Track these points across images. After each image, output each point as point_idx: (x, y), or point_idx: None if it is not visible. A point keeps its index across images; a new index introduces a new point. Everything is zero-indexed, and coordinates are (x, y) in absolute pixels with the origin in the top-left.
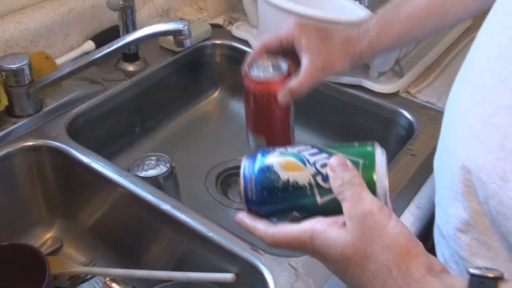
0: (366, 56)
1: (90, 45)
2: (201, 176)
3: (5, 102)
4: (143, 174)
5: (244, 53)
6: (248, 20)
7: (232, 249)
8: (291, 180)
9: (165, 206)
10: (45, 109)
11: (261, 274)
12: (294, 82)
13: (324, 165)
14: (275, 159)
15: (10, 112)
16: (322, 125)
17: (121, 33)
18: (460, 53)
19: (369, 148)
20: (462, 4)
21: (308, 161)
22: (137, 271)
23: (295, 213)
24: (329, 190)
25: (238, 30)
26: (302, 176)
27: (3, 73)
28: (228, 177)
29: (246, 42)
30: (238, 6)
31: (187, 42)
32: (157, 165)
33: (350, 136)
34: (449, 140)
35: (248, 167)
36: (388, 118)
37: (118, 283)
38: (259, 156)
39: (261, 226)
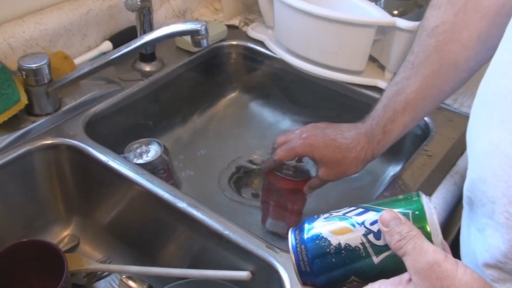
0: (380, 152)
1: (107, 45)
2: (216, 175)
3: (25, 101)
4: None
5: (259, 53)
6: (264, 21)
7: (248, 247)
8: (342, 243)
9: (182, 204)
10: (64, 108)
11: (276, 272)
12: (312, 184)
13: (373, 223)
14: (322, 225)
15: (29, 110)
16: None
17: (138, 33)
18: None
19: (415, 198)
20: (452, 80)
21: (357, 222)
22: (153, 269)
23: (353, 278)
24: (384, 247)
25: (254, 31)
26: (353, 238)
27: (23, 72)
28: (243, 176)
29: (261, 43)
30: (254, 7)
31: (204, 42)
32: (149, 150)
33: None
34: (483, 170)
35: (296, 239)
36: None
37: (134, 280)
38: (305, 226)
39: None
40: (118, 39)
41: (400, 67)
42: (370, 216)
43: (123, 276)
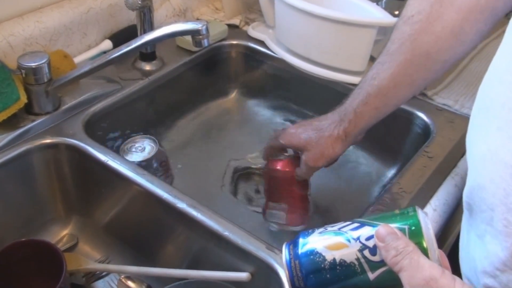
0: (353, 134)
1: (107, 44)
2: (216, 174)
3: (24, 99)
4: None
5: (260, 53)
6: (265, 20)
7: (248, 248)
8: (337, 259)
9: (181, 205)
10: (63, 107)
11: (276, 274)
12: (299, 172)
13: (369, 238)
14: (316, 240)
15: (29, 109)
16: None
17: (138, 32)
18: (477, 55)
19: (411, 213)
20: (424, 70)
21: (352, 237)
22: (152, 269)
23: None
24: (379, 263)
25: (255, 31)
26: (349, 253)
27: (23, 71)
28: (242, 176)
29: (262, 43)
30: (255, 6)
31: (205, 42)
32: (144, 147)
33: (366, 138)
34: (481, 177)
35: (290, 254)
36: (404, 120)
37: (133, 280)
38: (299, 240)
39: None
40: (118, 38)
41: (381, 52)
42: (366, 231)
43: (122, 276)
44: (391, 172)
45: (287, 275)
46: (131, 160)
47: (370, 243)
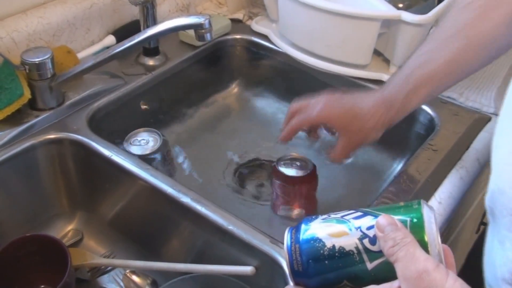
0: (397, 120)
1: (111, 39)
2: (219, 169)
3: (28, 95)
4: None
5: (263, 47)
6: (268, 14)
7: (252, 242)
8: (337, 246)
9: (185, 199)
10: (67, 103)
11: (280, 267)
12: (331, 156)
13: (370, 227)
14: (318, 226)
15: (33, 105)
16: None
17: (141, 27)
18: None
19: (415, 206)
20: (480, 56)
21: (353, 225)
22: (157, 264)
23: (346, 282)
24: (379, 253)
25: (258, 25)
26: (348, 241)
27: (26, 67)
28: (247, 170)
29: (265, 37)
30: (258, 0)
31: (208, 36)
32: (147, 139)
33: None
34: (502, 181)
35: (291, 238)
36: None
37: (138, 275)
38: (302, 226)
39: None
40: (122, 33)
41: (427, 39)
42: (368, 220)
43: (127, 271)
44: (395, 166)
45: (286, 259)
46: (135, 153)
47: (370, 233)
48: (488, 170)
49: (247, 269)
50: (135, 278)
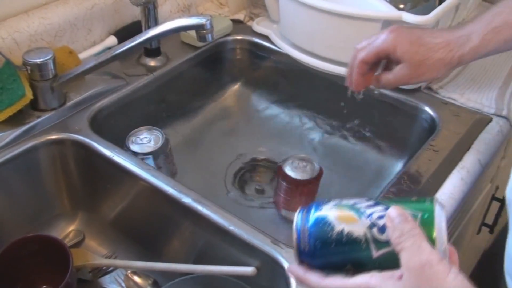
0: (466, 61)
1: (112, 40)
2: (220, 170)
3: (30, 95)
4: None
5: (265, 48)
6: (269, 15)
7: (253, 243)
8: (345, 231)
9: (187, 200)
10: (69, 103)
11: (282, 268)
12: (384, 80)
13: (380, 217)
14: (329, 210)
15: (34, 105)
16: (344, 120)
17: (143, 28)
18: None
19: (427, 203)
20: None
21: (364, 213)
22: (158, 264)
23: (349, 266)
24: (386, 243)
25: (259, 26)
26: (357, 228)
27: (28, 67)
28: (247, 171)
29: (267, 38)
30: (259, 1)
31: (209, 37)
32: (149, 138)
33: (372, 131)
34: None
35: (301, 219)
36: (410, 114)
37: (139, 275)
38: (313, 208)
39: (314, 278)
40: (123, 33)
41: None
42: (379, 210)
43: (128, 272)
44: (396, 166)
45: (294, 238)
46: (137, 151)
47: (380, 222)
48: (488, 171)
49: (248, 270)
50: (136, 278)
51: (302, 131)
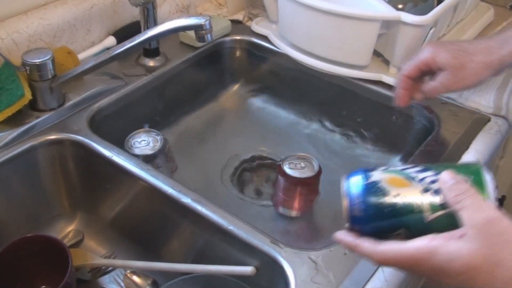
0: (507, 63)
1: (111, 40)
2: (219, 169)
3: (29, 96)
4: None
5: (263, 48)
6: (268, 15)
7: (252, 243)
8: (400, 195)
9: (186, 200)
10: (68, 104)
11: (281, 268)
12: (426, 89)
13: (433, 182)
14: (380, 176)
15: (33, 106)
16: (342, 120)
17: (142, 28)
18: None
19: (474, 167)
20: None
21: (415, 178)
22: (158, 264)
23: (401, 231)
24: (440, 206)
25: (258, 26)
26: (411, 192)
27: (27, 68)
28: (246, 171)
29: (265, 38)
30: (258, 1)
31: (208, 37)
32: (148, 141)
33: (371, 131)
34: None
35: (351, 185)
36: (408, 114)
37: (138, 275)
38: (362, 174)
39: (367, 244)
40: (122, 34)
41: None
42: (429, 174)
43: (128, 271)
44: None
45: (346, 204)
46: (137, 153)
47: (433, 186)
48: None
49: (248, 269)
50: (135, 278)
51: (301, 131)
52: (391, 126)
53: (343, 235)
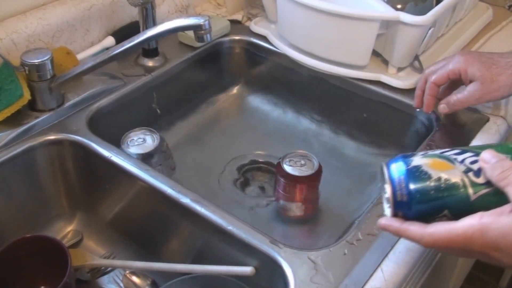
0: None
1: (110, 40)
2: (218, 170)
3: (28, 96)
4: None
5: (262, 48)
6: (267, 15)
7: (252, 243)
8: (443, 178)
9: (185, 200)
10: (67, 104)
11: (280, 268)
12: (453, 99)
13: (473, 162)
14: (421, 160)
15: (32, 106)
16: (341, 120)
17: (141, 28)
18: (480, 48)
19: (510, 145)
20: None
21: (456, 160)
22: (157, 264)
23: (446, 212)
24: (482, 185)
25: (257, 26)
26: (454, 174)
27: (26, 68)
28: (245, 172)
29: (264, 38)
30: (257, 1)
31: (208, 37)
32: (144, 138)
33: (370, 131)
34: None
35: (394, 170)
36: (407, 114)
37: (137, 275)
38: (403, 160)
39: (415, 227)
40: (121, 34)
41: None
42: (469, 155)
43: (127, 272)
44: None
45: (390, 189)
46: (133, 152)
47: (474, 166)
48: None
49: (247, 270)
50: (135, 278)
51: (300, 130)
52: (391, 125)
53: (388, 221)
